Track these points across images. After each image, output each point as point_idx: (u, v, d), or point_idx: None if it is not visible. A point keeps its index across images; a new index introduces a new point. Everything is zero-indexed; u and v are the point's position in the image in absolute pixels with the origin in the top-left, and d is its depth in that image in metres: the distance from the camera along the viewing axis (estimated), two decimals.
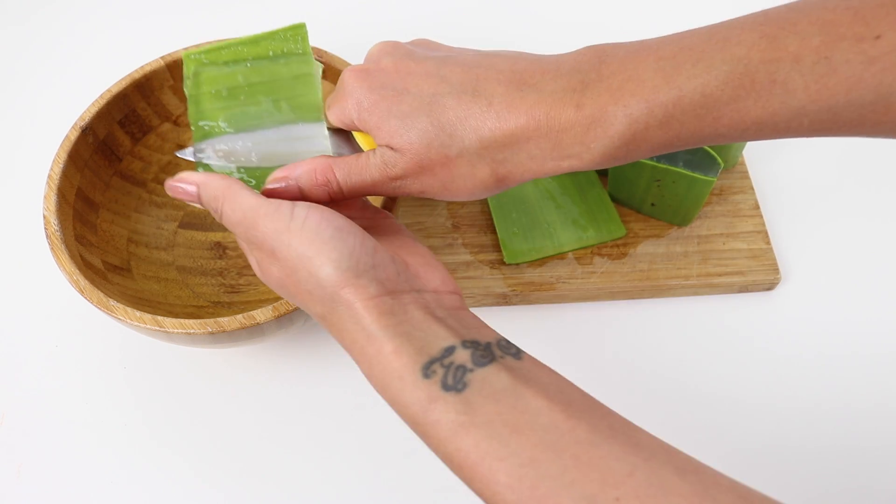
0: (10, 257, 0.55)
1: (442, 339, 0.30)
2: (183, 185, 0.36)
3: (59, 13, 0.71)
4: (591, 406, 0.29)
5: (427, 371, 0.29)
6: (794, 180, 0.57)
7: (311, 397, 0.49)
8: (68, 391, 0.49)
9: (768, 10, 0.30)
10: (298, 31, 0.41)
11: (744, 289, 0.52)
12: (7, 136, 0.62)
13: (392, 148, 0.34)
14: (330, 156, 0.37)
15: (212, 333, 0.39)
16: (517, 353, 0.31)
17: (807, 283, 0.52)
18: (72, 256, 0.42)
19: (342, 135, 0.40)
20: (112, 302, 0.41)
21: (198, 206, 0.37)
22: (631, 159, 0.33)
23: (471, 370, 0.29)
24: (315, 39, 0.55)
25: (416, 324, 0.31)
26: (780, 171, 0.58)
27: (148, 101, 0.51)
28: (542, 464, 0.26)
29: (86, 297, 0.41)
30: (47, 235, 0.43)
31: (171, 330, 0.39)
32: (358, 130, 0.37)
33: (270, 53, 0.41)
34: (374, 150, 0.35)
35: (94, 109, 0.48)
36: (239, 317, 0.40)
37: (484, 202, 0.55)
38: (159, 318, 0.40)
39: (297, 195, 0.36)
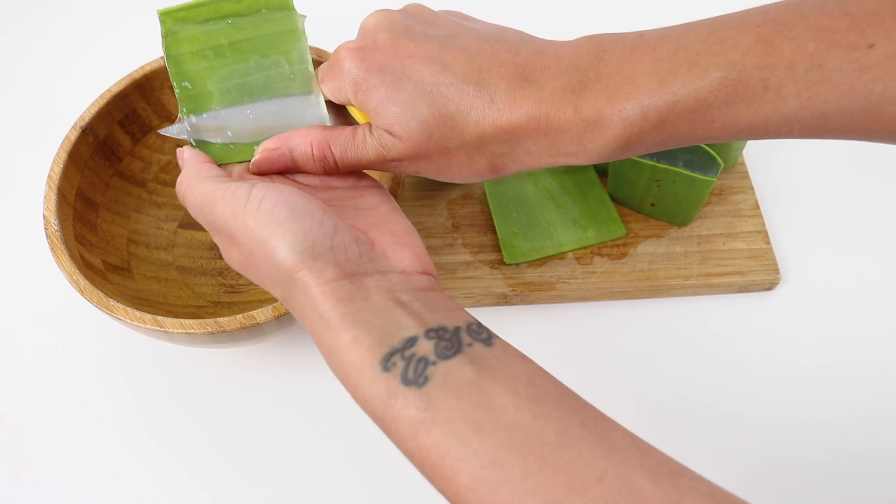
0: (10, 257, 0.55)
1: (404, 328, 0.29)
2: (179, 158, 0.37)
3: (59, 13, 0.71)
4: (562, 401, 0.27)
5: (386, 364, 0.28)
6: (794, 180, 0.57)
7: (311, 397, 0.49)
8: (68, 391, 0.49)
9: (767, 8, 0.30)
10: None
11: (744, 289, 0.52)
12: (7, 136, 0.62)
13: (391, 133, 0.34)
14: (325, 126, 0.36)
15: (212, 333, 0.39)
16: (488, 339, 0.29)
17: (807, 283, 0.52)
18: (72, 256, 0.42)
19: (334, 106, 0.39)
20: (112, 302, 0.41)
21: None
22: (626, 157, 0.34)
23: (433, 363, 0.28)
24: (315, 40, 0.55)
25: (376, 311, 0.29)
26: (780, 171, 0.58)
27: (148, 101, 0.51)
28: (504, 466, 0.25)
29: (86, 297, 0.41)
30: (47, 235, 0.43)
31: (171, 330, 0.39)
32: (353, 106, 0.36)
33: (251, 9, 0.39)
34: (370, 127, 0.35)
35: (94, 109, 0.48)
36: (239, 317, 0.40)
37: (484, 202, 0.55)
38: (159, 318, 0.40)
39: (289, 165, 0.35)
